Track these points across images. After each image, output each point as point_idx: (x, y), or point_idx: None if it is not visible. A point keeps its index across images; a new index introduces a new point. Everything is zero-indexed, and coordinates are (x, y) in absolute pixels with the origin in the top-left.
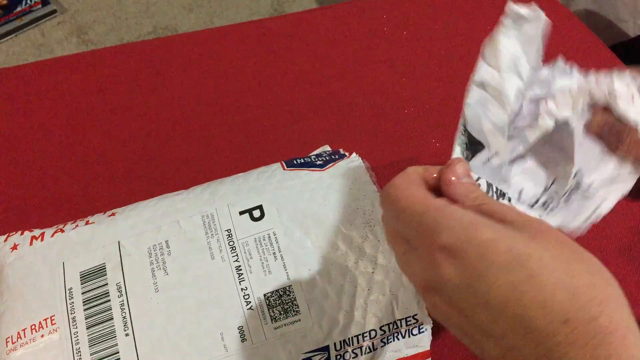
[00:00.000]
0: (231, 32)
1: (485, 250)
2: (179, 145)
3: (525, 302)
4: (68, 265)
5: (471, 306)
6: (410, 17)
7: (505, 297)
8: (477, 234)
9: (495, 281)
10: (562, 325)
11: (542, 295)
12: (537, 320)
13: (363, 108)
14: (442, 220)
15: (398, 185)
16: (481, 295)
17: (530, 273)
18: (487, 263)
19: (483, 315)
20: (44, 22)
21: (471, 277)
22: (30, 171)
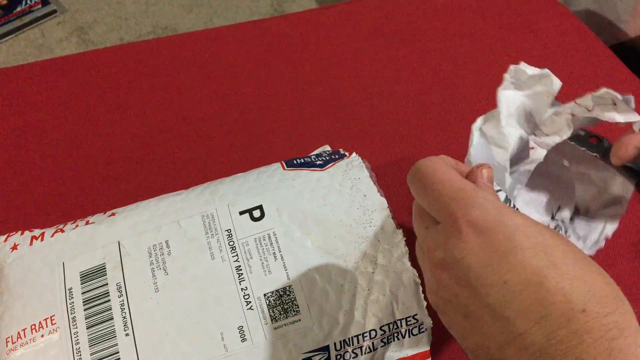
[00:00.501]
0: (231, 32)
1: (514, 232)
2: (179, 145)
3: (546, 287)
4: (68, 265)
5: (487, 285)
6: (410, 17)
7: (527, 279)
8: (509, 217)
9: (519, 262)
10: (580, 313)
11: (563, 283)
12: (555, 305)
13: (363, 108)
14: (477, 199)
15: (435, 162)
16: (502, 274)
17: (554, 261)
18: (514, 244)
19: (499, 295)
20: (44, 22)
21: (494, 255)
22: (30, 171)
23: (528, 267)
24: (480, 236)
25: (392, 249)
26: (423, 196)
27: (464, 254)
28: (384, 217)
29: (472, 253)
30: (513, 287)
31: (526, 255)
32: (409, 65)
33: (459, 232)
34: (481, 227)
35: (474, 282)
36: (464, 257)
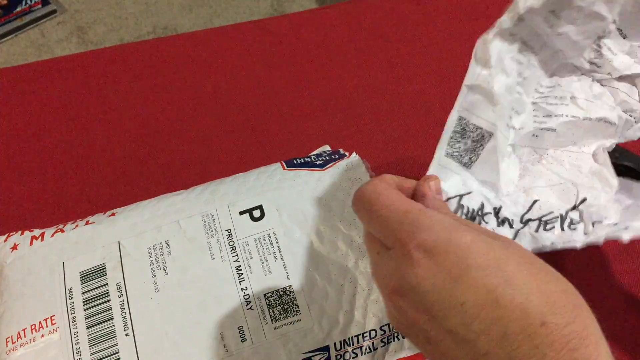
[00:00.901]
0: (231, 32)
1: (464, 251)
2: (179, 145)
3: (503, 305)
4: (68, 265)
5: (444, 308)
6: (410, 17)
7: (483, 299)
8: (458, 236)
9: (473, 283)
10: (540, 327)
11: (519, 298)
12: (514, 322)
13: (363, 108)
14: (424, 220)
15: (376, 185)
16: (457, 297)
17: (508, 276)
18: (466, 265)
19: (457, 318)
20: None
21: (447, 278)
22: (30, 171)
23: (482, 287)
24: (431, 259)
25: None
26: (370, 223)
27: (418, 280)
28: None
29: (425, 278)
30: (470, 309)
31: (479, 274)
32: (409, 65)
33: (410, 257)
34: (431, 250)
35: (430, 308)
36: (418, 283)
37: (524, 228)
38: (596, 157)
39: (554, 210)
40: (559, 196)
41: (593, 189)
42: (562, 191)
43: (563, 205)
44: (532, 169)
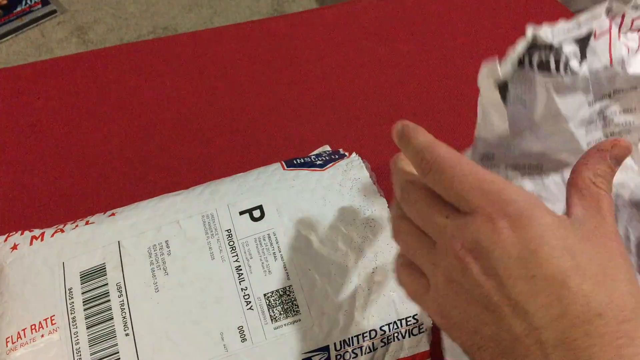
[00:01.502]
0: (231, 32)
1: (545, 230)
2: (179, 145)
3: (569, 287)
4: (68, 265)
5: (515, 277)
6: (410, 17)
7: (552, 276)
8: (541, 215)
9: (547, 259)
10: (596, 317)
11: (584, 285)
12: (574, 306)
13: (363, 108)
14: (510, 192)
15: (452, 151)
16: (530, 269)
17: (579, 264)
18: (543, 242)
19: (524, 288)
20: (44, 22)
21: (524, 250)
22: (30, 171)
23: (554, 265)
24: (513, 231)
25: (392, 249)
26: (446, 186)
27: (496, 246)
28: (383, 217)
29: (504, 246)
30: (539, 282)
31: (554, 254)
32: (409, 65)
33: (494, 224)
34: (515, 222)
35: (502, 274)
36: (495, 249)
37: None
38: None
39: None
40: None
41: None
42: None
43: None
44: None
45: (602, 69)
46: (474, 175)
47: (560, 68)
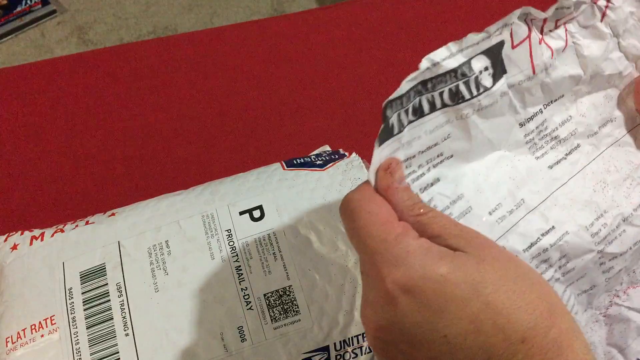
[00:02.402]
0: (231, 32)
1: (442, 285)
2: (179, 145)
3: (484, 331)
4: (68, 265)
5: (428, 342)
6: (410, 17)
7: (465, 329)
8: (433, 269)
9: (454, 315)
10: (520, 344)
11: (500, 321)
12: (497, 346)
13: (363, 108)
14: (399, 252)
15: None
16: (440, 330)
17: (486, 300)
18: (445, 298)
19: (441, 349)
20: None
21: (429, 314)
22: (30, 171)
23: (464, 318)
24: (409, 297)
25: None
26: (351, 239)
27: (399, 318)
28: None
29: (406, 315)
30: (454, 340)
31: (459, 305)
32: (409, 65)
33: (388, 295)
34: (408, 288)
35: (413, 341)
36: (399, 320)
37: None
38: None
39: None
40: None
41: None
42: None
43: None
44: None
45: (525, 79)
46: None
47: (472, 89)
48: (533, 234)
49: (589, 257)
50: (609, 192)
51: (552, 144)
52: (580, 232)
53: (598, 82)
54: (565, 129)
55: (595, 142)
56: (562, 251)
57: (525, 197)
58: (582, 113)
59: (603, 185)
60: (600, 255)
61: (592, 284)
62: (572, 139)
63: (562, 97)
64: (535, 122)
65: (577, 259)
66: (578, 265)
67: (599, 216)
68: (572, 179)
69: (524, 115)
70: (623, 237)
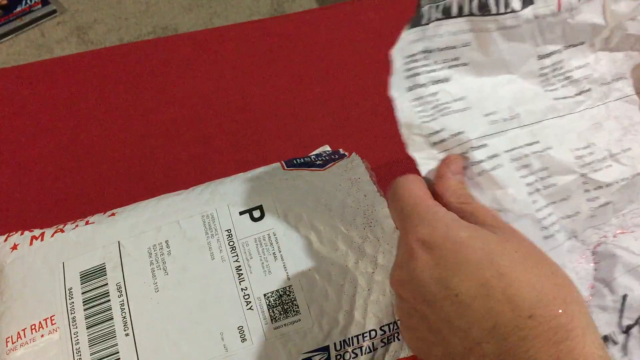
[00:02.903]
0: (231, 32)
1: (460, 246)
2: (179, 145)
3: (494, 297)
4: (68, 265)
5: (441, 299)
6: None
7: (476, 291)
8: (456, 232)
9: (467, 276)
10: (528, 320)
11: (510, 291)
12: (503, 314)
13: (363, 108)
14: (427, 215)
15: (405, 177)
16: (452, 288)
17: (501, 270)
18: (461, 258)
19: (452, 308)
20: (44, 22)
21: (444, 270)
22: (30, 171)
23: (476, 280)
24: (429, 253)
25: (392, 249)
26: (391, 213)
27: (417, 272)
28: (384, 217)
29: (423, 270)
30: (464, 299)
31: (473, 268)
32: None
33: (410, 250)
34: (429, 244)
35: (429, 297)
36: (417, 274)
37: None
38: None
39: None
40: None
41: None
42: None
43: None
44: (602, 252)
45: (550, 15)
46: (403, 200)
47: (500, 6)
48: (518, 141)
49: (571, 178)
50: (602, 133)
51: (563, 83)
52: (563, 150)
53: (620, 40)
54: (579, 72)
55: (605, 90)
56: (543, 162)
57: (521, 113)
58: (599, 63)
59: (598, 126)
60: (584, 180)
61: (576, 210)
62: (584, 82)
63: (582, 45)
64: (552, 59)
65: (558, 175)
66: (560, 183)
67: (586, 146)
68: (571, 114)
69: (542, 50)
70: (609, 170)
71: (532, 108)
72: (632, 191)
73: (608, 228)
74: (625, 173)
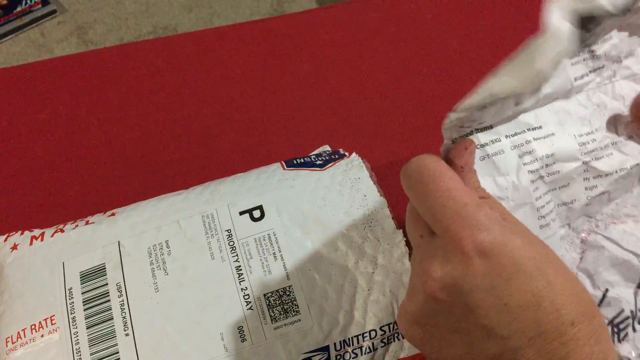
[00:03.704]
0: (231, 32)
1: (516, 255)
2: (179, 145)
3: (543, 307)
4: (68, 265)
5: (487, 307)
6: (410, 17)
7: (527, 301)
8: (512, 239)
9: (521, 286)
10: (570, 326)
11: (557, 301)
12: (550, 322)
13: (363, 108)
14: (481, 217)
15: (437, 164)
16: (503, 297)
17: (549, 279)
18: (517, 268)
19: (497, 317)
20: (44, 22)
21: (497, 279)
22: (31, 171)
23: (528, 290)
24: (484, 260)
25: (392, 249)
26: (421, 202)
27: (467, 278)
28: (384, 217)
29: (474, 277)
30: (512, 310)
31: (527, 277)
32: (409, 65)
33: (463, 254)
34: (486, 251)
35: (472, 304)
36: (465, 280)
37: None
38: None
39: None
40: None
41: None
42: (627, 270)
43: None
44: (591, 242)
45: None
46: (449, 194)
47: None
48: (520, 125)
49: (574, 165)
50: (606, 116)
51: (585, 56)
52: (567, 137)
53: None
54: (601, 47)
55: (615, 69)
56: (548, 148)
57: None
58: (621, 39)
59: (603, 108)
60: (586, 168)
61: (573, 198)
62: (602, 59)
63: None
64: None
65: (563, 162)
66: (563, 170)
67: (589, 132)
68: (578, 94)
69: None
70: (610, 159)
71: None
72: (628, 181)
73: (600, 217)
74: (625, 163)
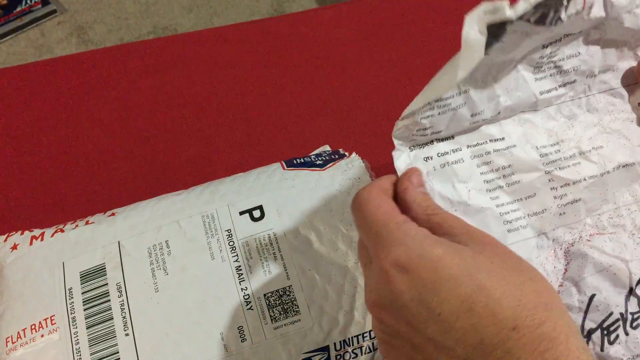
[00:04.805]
0: (231, 32)
1: (437, 264)
2: (179, 145)
3: (476, 312)
4: (68, 265)
5: (423, 320)
6: (411, 17)
7: (457, 308)
8: (429, 249)
9: (447, 294)
10: (512, 331)
11: (492, 304)
12: (487, 328)
13: (363, 108)
14: (398, 235)
15: (369, 191)
16: (433, 308)
17: (480, 284)
18: (439, 277)
19: (436, 327)
20: (44, 22)
21: (423, 291)
22: (30, 171)
23: (456, 297)
24: (405, 275)
25: None
26: (358, 230)
27: (395, 295)
28: None
29: (402, 292)
30: (447, 318)
31: (452, 285)
32: (409, 65)
33: (385, 273)
34: (404, 265)
35: (411, 319)
36: (396, 298)
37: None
38: None
39: (611, 307)
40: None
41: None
42: (614, 275)
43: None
44: (573, 252)
45: (574, 14)
46: (371, 217)
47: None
48: (483, 136)
49: (536, 175)
50: (576, 129)
51: (552, 72)
52: (527, 148)
53: (615, 32)
54: (569, 63)
55: (590, 83)
56: (506, 160)
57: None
58: (590, 54)
59: (573, 121)
60: (550, 178)
61: (543, 207)
62: (572, 74)
63: (579, 34)
64: (552, 48)
65: (522, 173)
66: (524, 180)
67: (554, 143)
68: (548, 108)
69: (548, 39)
70: (577, 167)
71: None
72: (603, 189)
73: (582, 227)
74: (594, 171)
